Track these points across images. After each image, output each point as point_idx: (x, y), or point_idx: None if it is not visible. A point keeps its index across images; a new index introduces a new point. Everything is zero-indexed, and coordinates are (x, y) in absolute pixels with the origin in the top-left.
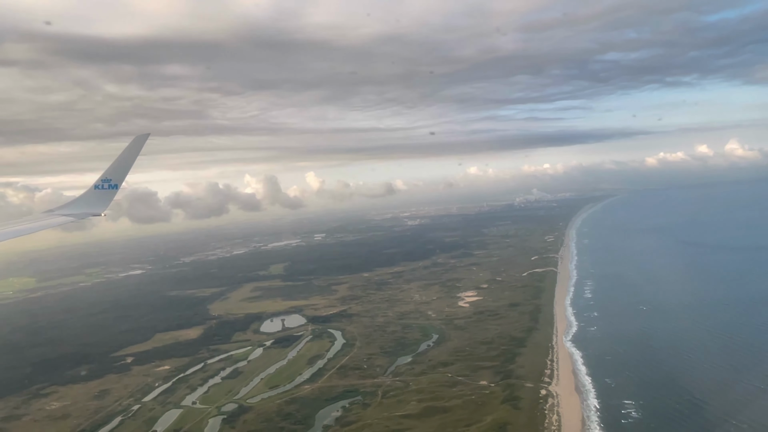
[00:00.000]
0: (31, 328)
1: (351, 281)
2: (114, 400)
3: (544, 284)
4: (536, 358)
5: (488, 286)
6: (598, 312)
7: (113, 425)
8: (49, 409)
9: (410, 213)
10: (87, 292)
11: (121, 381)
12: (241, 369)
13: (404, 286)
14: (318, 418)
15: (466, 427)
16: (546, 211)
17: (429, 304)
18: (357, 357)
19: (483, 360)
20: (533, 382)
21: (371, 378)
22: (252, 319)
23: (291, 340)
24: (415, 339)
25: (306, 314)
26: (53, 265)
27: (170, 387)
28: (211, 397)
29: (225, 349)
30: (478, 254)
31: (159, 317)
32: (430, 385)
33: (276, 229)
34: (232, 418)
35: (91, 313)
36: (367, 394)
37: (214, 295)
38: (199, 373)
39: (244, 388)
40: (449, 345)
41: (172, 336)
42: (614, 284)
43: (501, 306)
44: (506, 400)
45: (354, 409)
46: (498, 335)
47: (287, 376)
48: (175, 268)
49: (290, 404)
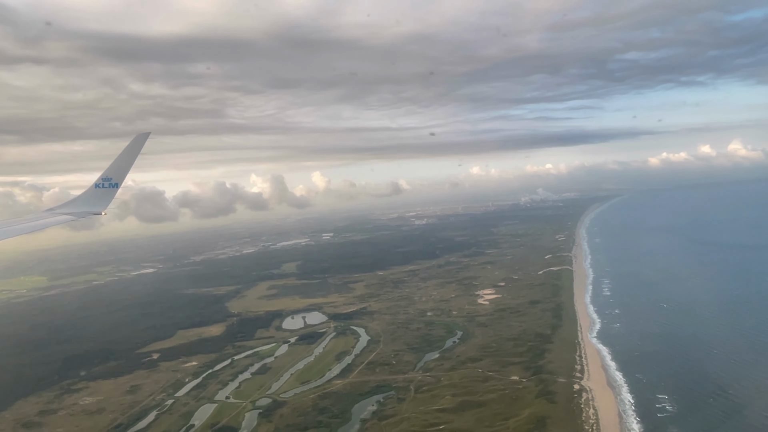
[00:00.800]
0: (52, 325)
1: (366, 279)
2: (147, 395)
3: (562, 282)
4: (565, 354)
5: (505, 284)
6: (620, 309)
7: (149, 420)
8: (83, 404)
9: (416, 213)
10: (102, 290)
11: (150, 377)
12: (269, 365)
13: (420, 284)
14: (354, 412)
15: (503, 420)
16: (553, 210)
17: (448, 302)
18: (384, 353)
19: (511, 356)
20: (565, 378)
21: (401, 373)
22: (272, 316)
23: (315, 337)
24: (440, 336)
25: (326, 312)
26: (63, 264)
27: (201, 382)
28: (244, 392)
29: (250, 345)
30: (490, 253)
31: (179, 314)
32: (462, 380)
33: (282, 228)
34: (268, 412)
35: (109, 310)
36: (399, 389)
37: (230, 293)
38: (228, 368)
39: (275, 383)
40: (475, 341)
41: (195, 333)
42: (632, 282)
43: (521, 303)
44: (541, 395)
45: (389, 404)
46: (523, 332)
47: (317, 372)
48: (187, 267)
49: (324, 399)
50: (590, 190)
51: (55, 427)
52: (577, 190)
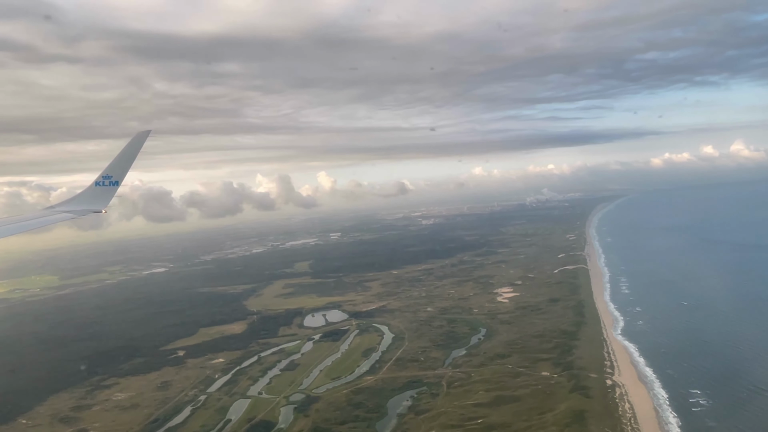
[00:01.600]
0: (72, 323)
1: (382, 278)
2: (178, 391)
3: (579, 281)
4: (592, 351)
5: (522, 282)
6: (641, 307)
7: (185, 415)
8: (115, 400)
9: (421, 213)
10: (115, 288)
11: (179, 373)
12: (297, 361)
13: (437, 282)
14: (389, 407)
15: (540, 414)
16: (559, 210)
17: (467, 300)
18: (410, 350)
19: (539, 352)
20: (596, 373)
21: (431, 369)
22: (292, 314)
23: (339, 334)
24: (464, 333)
25: (345, 310)
26: (72, 264)
27: (231, 378)
28: (275, 387)
29: (275, 342)
30: (502, 252)
31: (199, 313)
32: (494, 376)
33: (288, 228)
34: (303, 407)
35: (127, 308)
36: (431, 384)
37: (246, 292)
38: (256, 365)
39: (306, 379)
40: (500, 338)
41: (217, 330)
42: (649, 281)
43: (541, 302)
44: (574, 390)
45: (423, 399)
46: (547, 329)
47: (346, 368)
48: (198, 266)
49: (357, 394)
50: (594, 190)
51: (92, 422)
52: (581, 190)
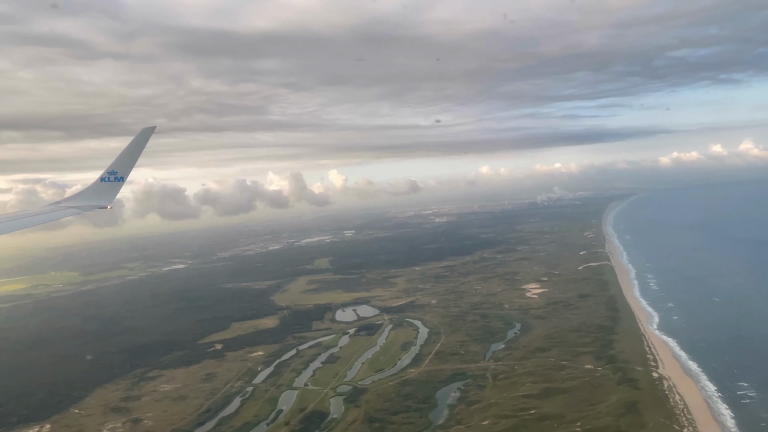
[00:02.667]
0: (102, 318)
1: (405, 275)
2: (224, 382)
3: (606, 277)
4: (632, 345)
5: (548, 279)
6: (673, 303)
7: (235, 405)
8: (163, 391)
9: (432, 211)
10: (138, 284)
11: (221, 366)
12: (336, 354)
13: (462, 279)
14: (438, 398)
15: (591, 405)
16: (572, 209)
17: (496, 296)
18: (448, 344)
19: (578, 346)
20: (641, 366)
21: (473, 362)
22: (322, 309)
23: (373, 329)
24: (499, 327)
25: (375, 305)
26: (89, 260)
27: (274, 371)
28: (320, 379)
29: (310, 336)
30: (522, 249)
31: (228, 308)
32: (538, 369)
33: (300, 226)
34: (352, 398)
35: (154, 304)
36: (476, 377)
37: (271, 288)
38: (296, 358)
39: (350, 371)
40: (537, 333)
41: (250, 325)
42: (676, 277)
43: (571, 297)
44: (622, 382)
45: (471, 390)
46: (582, 324)
47: (388, 361)
48: (218, 263)
49: (404, 386)
50: (604, 188)
51: (144, 412)
52: (590, 188)
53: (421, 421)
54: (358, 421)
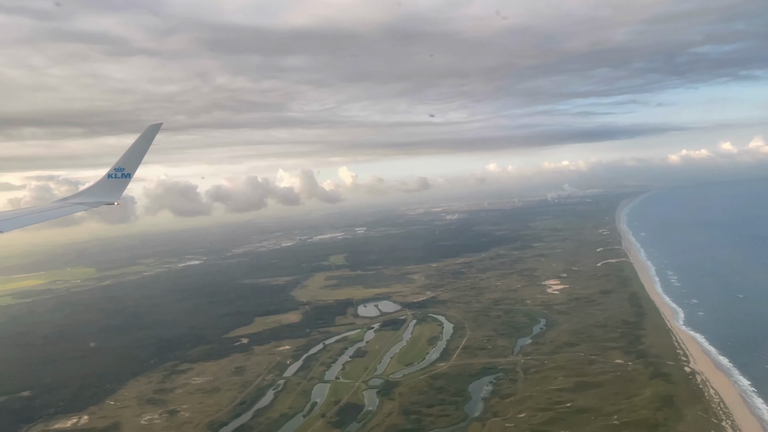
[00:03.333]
0: (125, 313)
1: (423, 271)
2: (254, 375)
3: (626, 274)
4: (661, 340)
5: (568, 275)
6: (696, 299)
7: (269, 397)
8: (195, 383)
9: (442, 208)
10: (156, 280)
11: (249, 359)
12: (363, 349)
13: (480, 275)
14: (471, 391)
15: (627, 399)
16: (583, 206)
17: (517, 292)
18: (475, 338)
19: (606, 341)
20: (672, 361)
21: (501, 357)
22: (344, 304)
23: (397, 324)
24: (524, 323)
25: (396, 301)
26: (104, 257)
27: (303, 364)
28: (351, 373)
29: (335, 331)
30: (538, 246)
31: (249, 303)
32: (568, 363)
33: (311, 223)
34: (385, 390)
35: (175, 299)
36: (507, 371)
37: (289, 283)
38: (323, 352)
39: (379, 365)
40: (562, 328)
41: (273, 320)
42: (697, 274)
43: (593, 293)
44: (654, 377)
45: (503, 384)
46: (607, 319)
47: (416, 355)
48: (233, 259)
49: (436, 379)
50: (613, 186)
51: (179, 404)
52: (599, 186)
53: (457, 414)
54: (393, 413)
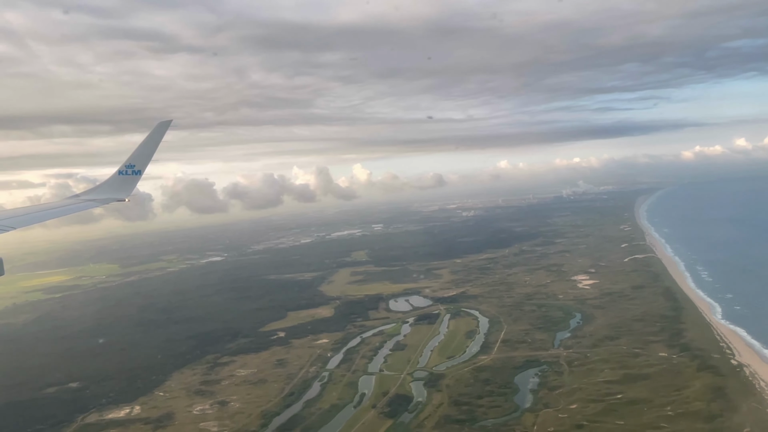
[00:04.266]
0: (156, 307)
1: (448, 266)
2: (297, 368)
3: (655, 269)
4: (702, 334)
5: (596, 270)
6: (731, 294)
7: (316, 389)
8: (240, 375)
9: (456, 205)
10: (181, 276)
11: (289, 352)
12: (402, 342)
13: (506, 270)
14: (518, 383)
15: (677, 391)
16: (600, 202)
17: (547, 287)
18: (512, 332)
19: (647, 335)
20: (718, 354)
21: (543, 350)
22: (375, 299)
23: (432, 318)
24: (559, 317)
25: (426, 295)
26: (124, 253)
27: (345, 357)
28: (393, 365)
29: (370, 325)
30: (560, 242)
31: (279, 298)
32: (612, 356)
33: (326, 220)
34: (431, 382)
35: (203, 294)
36: (550, 363)
37: (315, 279)
38: (363, 345)
39: (421, 358)
40: (600, 322)
41: (306, 314)
42: (727, 269)
43: (625, 288)
44: (702, 369)
45: (550, 376)
46: (644, 314)
47: (456, 348)
48: (254, 255)
49: (480, 372)
50: (627, 183)
51: (228, 395)
52: (613, 183)
53: (508, 405)
54: (444, 404)
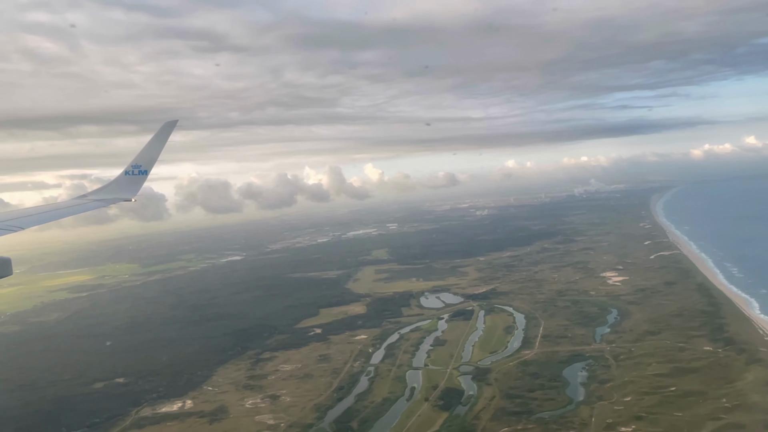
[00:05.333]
0: (187, 305)
1: (472, 264)
2: (341, 363)
3: (684, 265)
4: (744, 328)
5: (624, 267)
6: (765, 289)
7: (365, 383)
8: (285, 370)
9: (468, 204)
10: (204, 274)
11: (330, 348)
12: (442, 338)
13: (533, 268)
14: (567, 377)
15: (729, 383)
16: (614, 201)
17: (577, 284)
18: (551, 328)
19: (688, 329)
20: (764, 347)
21: (585, 345)
22: (405, 296)
23: (466, 314)
24: (596, 312)
25: (456, 292)
26: (141, 253)
27: (387, 353)
28: (437, 360)
29: (405, 321)
30: (581, 240)
31: (308, 295)
32: (657, 350)
33: (339, 219)
34: (479, 376)
35: (231, 292)
36: (596, 358)
37: (340, 277)
38: (402, 341)
39: (463, 353)
40: (638, 317)
41: (339, 311)
42: (756, 266)
43: (657, 284)
44: (751, 362)
45: (598, 370)
46: (682, 309)
47: (497, 343)
48: (273, 254)
49: (526, 366)
50: (637, 181)
51: (277, 389)
52: (624, 181)
53: (561, 398)
54: (496, 397)
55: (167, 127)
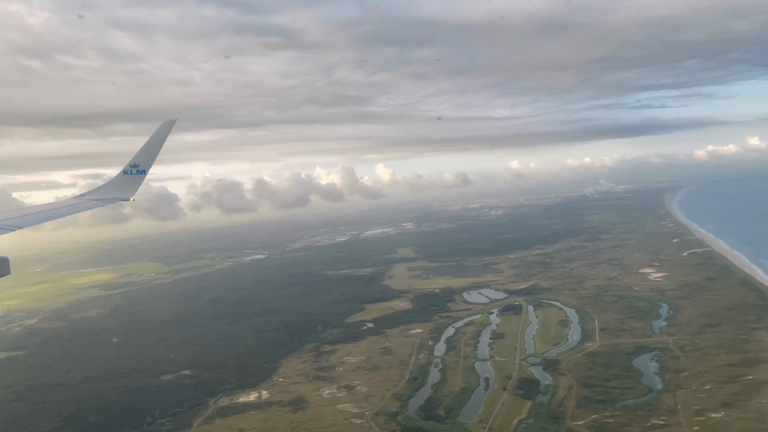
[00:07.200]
0: (226, 301)
1: (504, 261)
2: (406, 355)
3: (719, 262)
4: None
5: (659, 264)
6: None
7: (436, 375)
8: (351, 362)
9: (479, 204)
10: (233, 272)
11: (388, 341)
12: (499, 331)
13: (567, 265)
14: (638, 367)
15: None
16: (628, 201)
17: (617, 279)
18: (606, 321)
19: (747, 322)
20: None
21: (647, 337)
22: (447, 292)
23: (516, 309)
24: (646, 307)
25: (497, 288)
26: (160, 252)
27: (449, 346)
28: (501, 352)
29: (456, 315)
30: (607, 238)
31: (349, 291)
32: (722, 342)
33: (351, 219)
34: (550, 367)
35: (269, 289)
36: (662, 349)
37: (374, 274)
38: (460, 334)
39: (525, 345)
40: (691, 311)
41: (384, 306)
42: None
43: (699, 280)
44: None
45: (668, 361)
46: (732, 303)
47: (557, 336)
48: (296, 253)
49: (594, 357)
50: (644, 182)
51: (350, 380)
52: (632, 182)
53: (640, 387)
54: (574, 386)
55: (165, 127)
